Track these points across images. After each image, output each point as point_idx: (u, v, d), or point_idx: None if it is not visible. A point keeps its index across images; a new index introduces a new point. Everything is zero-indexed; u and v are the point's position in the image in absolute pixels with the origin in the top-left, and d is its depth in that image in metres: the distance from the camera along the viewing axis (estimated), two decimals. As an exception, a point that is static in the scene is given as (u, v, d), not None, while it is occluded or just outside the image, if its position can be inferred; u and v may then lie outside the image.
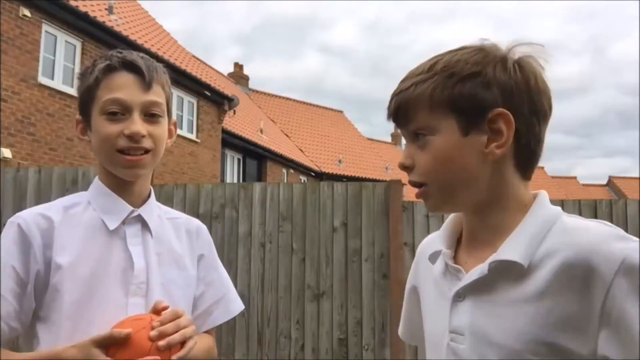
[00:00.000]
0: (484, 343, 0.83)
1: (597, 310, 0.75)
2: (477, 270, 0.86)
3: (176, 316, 1.11)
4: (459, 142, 0.85)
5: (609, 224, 0.82)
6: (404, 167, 0.90)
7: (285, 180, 19.87)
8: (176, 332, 1.08)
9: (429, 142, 0.86)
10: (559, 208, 0.87)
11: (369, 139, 29.49)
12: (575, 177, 34.26)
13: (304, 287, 4.25)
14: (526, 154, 0.87)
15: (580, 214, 4.06)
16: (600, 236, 0.79)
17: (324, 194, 4.35)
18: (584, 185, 33.47)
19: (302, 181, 20.46)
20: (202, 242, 1.34)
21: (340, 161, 24.45)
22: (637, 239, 0.78)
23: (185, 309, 1.22)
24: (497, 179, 0.86)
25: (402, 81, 0.90)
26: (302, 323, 4.22)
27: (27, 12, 9.12)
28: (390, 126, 0.95)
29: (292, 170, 21.22)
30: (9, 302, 1.12)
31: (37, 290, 1.14)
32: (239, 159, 18.51)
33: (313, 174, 22.61)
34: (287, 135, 24.48)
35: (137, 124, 1.16)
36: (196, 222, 1.37)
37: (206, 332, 1.33)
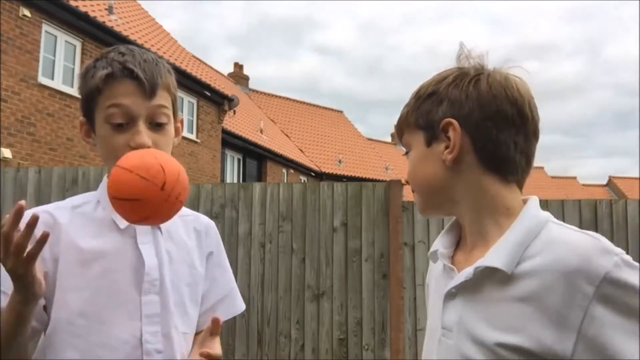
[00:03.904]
0: (468, 340, 0.88)
1: (576, 325, 0.79)
2: (465, 273, 0.92)
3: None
4: (425, 152, 0.98)
5: (594, 234, 0.84)
6: (406, 182, 1.07)
7: (285, 180, 19.87)
8: None
9: (409, 156, 1.01)
10: (547, 214, 0.91)
11: (369, 139, 29.50)
12: (575, 178, 34.24)
13: (304, 287, 4.25)
14: (490, 157, 0.93)
15: (580, 214, 4.09)
16: (583, 251, 0.81)
17: (324, 194, 4.35)
18: (584, 185, 33.44)
19: (302, 181, 20.46)
20: (210, 240, 1.34)
21: (340, 161, 24.46)
22: (621, 251, 0.81)
23: (192, 307, 1.23)
24: (470, 184, 0.94)
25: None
26: (302, 323, 4.22)
27: (27, 12, 9.12)
28: (390, 126, 1.05)
29: (292, 170, 21.23)
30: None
31: (47, 290, 1.14)
32: (239, 159, 18.52)
33: (313, 174, 22.61)
34: (287, 135, 24.48)
35: (142, 135, 1.15)
36: (205, 220, 1.37)
37: None
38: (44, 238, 1.00)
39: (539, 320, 0.81)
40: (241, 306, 1.37)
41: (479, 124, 0.92)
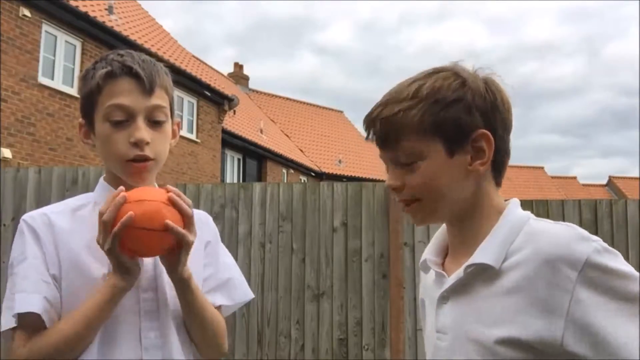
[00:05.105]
0: (463, 339, 0.91)
1: (564, 310, 0.81)
2: (455, 275, 0.94)
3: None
4: (446, 163, 0.92)
5: (573, 225, 0.87)
6: (394, 189, 0.97)
7: (285, 180, 19.87)
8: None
9: (418, 165, 0.93)
10: (528, 212, 0.95)
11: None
12: (575, 177, 34.22)
13: (304, 287, 4.25)
14: (498, 166, 0.97)
15: (580, 214, 4.09)
16: (563, 240, 0.84)
17: (324, 194, 4.35)
18: (584, 185, 33.43)
19: (302, 181, 20.46)
20: (208, 230, 1.36)
21: (340, 161, 24.45)
22: (598, 238, 0.85)
23: None
24: (478, 190, 0.95)
25: (385, 105, 0.94)
26: (302, 323, 4.22)
27: (27, 12, 9.12)
28: None
29: (292, 170, 21.22)
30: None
31: (56, 290, 1.16)
32: (239, 159, 18.51)
33: (313, 174, 22.60)
34: (287, 135, 24.48)
35: (142, 130, 1.17)
36: (203, 214, 1.39)
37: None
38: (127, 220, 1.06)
39: (527, 310, 0.84)
40: (241, 297, 1.36)
41: (501, 136, 0.95)
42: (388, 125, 0.93)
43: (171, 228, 1.08)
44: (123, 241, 1.08)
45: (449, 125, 0.91)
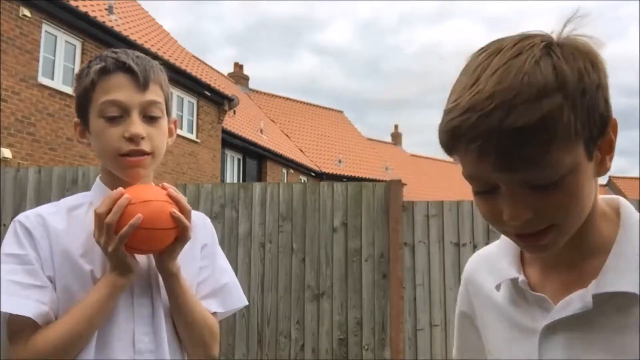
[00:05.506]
0: None
1: None
2: (575, 303, 0.75)
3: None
4: (587, 168, 0.70)
5: None
6: (526, 221, 0.70)
7: (285, 180, 19.88)
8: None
9: (562, 183, 0.68)
10: None
11: (369, 139, 29.50)
12: (575, 177, 34.18)
13: (304, 287, 4.25)
14: None
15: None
16: None
17: (324, 194, 4.35)
18: (584, 185, 33.38)
19: (302, 181, 20.45)
20: (205, 232, 1.34)
21: (340, 161, 24.46)
22: None
23: None
24: (596, 192, 0.76)
25: (509, 106, 0.64)
26: (302, 323, 4.22)
27: (27, 12, 9.12)
28: (390, 126, 0.79)
29: (292, 170, 21.22)
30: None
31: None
32: (239, 159, 18.52)
33: (313, 174, 22.61)
34: (287, 135, 24.48)
35: (136, 125, 1.16)
36: (200, 215, 1.37)
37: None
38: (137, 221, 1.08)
39: None
40: (235, 304, 1.34)
41: None
42: (529, 135, 0.64)
43: (178, 217, 1.12)
44: (129, 241, 1.08)
45: (596, 120, 0.68)
